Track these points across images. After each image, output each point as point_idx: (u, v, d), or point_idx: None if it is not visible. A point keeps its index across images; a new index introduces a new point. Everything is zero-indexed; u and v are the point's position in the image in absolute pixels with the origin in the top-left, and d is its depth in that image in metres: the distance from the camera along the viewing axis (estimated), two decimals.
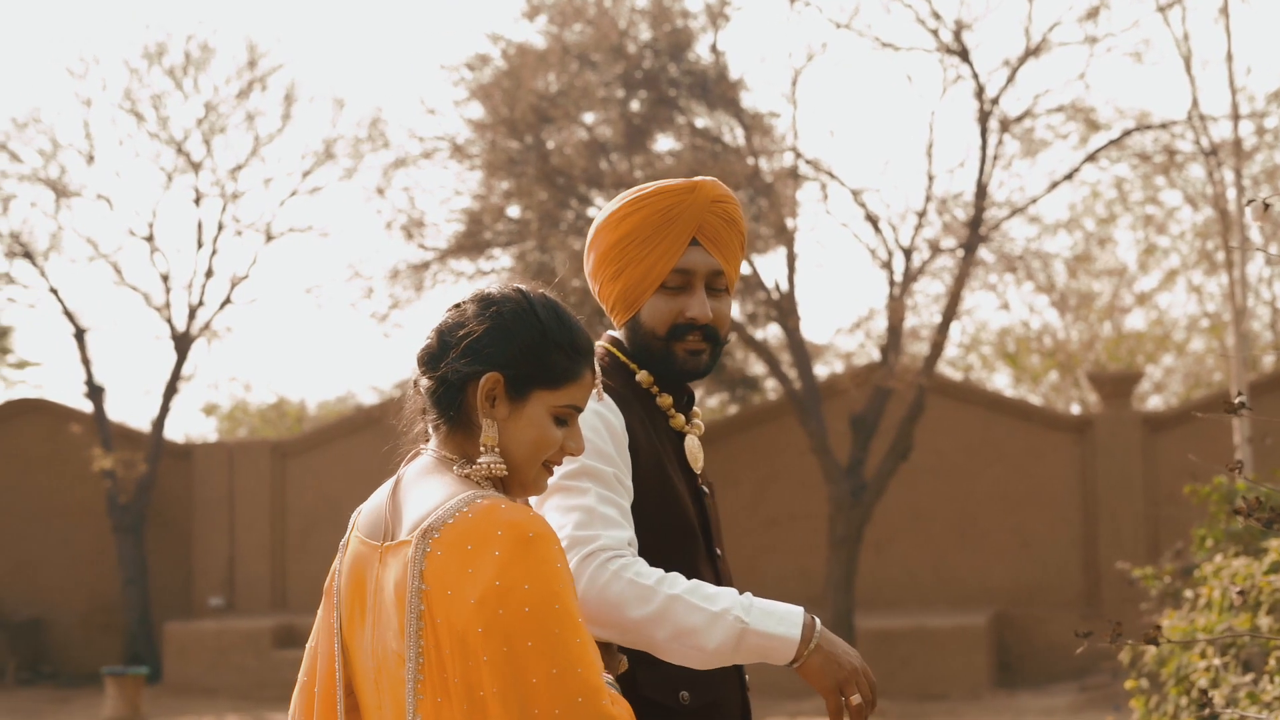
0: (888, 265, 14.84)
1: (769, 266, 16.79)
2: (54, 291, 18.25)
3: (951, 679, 14.80)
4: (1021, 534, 16.25)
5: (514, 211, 15.31)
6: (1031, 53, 14.20)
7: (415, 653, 2.36)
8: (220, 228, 18.48)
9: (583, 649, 2.30)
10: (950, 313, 14.47)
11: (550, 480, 2.60)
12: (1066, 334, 23.02)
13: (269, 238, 18.70)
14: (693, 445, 3.10)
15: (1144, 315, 23.26)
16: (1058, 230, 15.67)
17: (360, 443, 17.40)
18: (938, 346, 14.57)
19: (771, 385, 17.44)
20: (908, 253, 14.74)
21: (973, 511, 16.38)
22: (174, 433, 20.39)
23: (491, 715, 2.28)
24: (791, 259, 14.79)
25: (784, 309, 14.72)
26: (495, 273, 15.74)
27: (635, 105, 15.00)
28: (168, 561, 18.10)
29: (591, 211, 14.55)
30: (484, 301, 2.53)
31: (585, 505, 2.82)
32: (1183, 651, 5.47)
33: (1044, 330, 23.39)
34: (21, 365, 23.73)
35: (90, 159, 18.44)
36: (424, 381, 2.53)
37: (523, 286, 2.56)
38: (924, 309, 15.45)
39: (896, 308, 14.41)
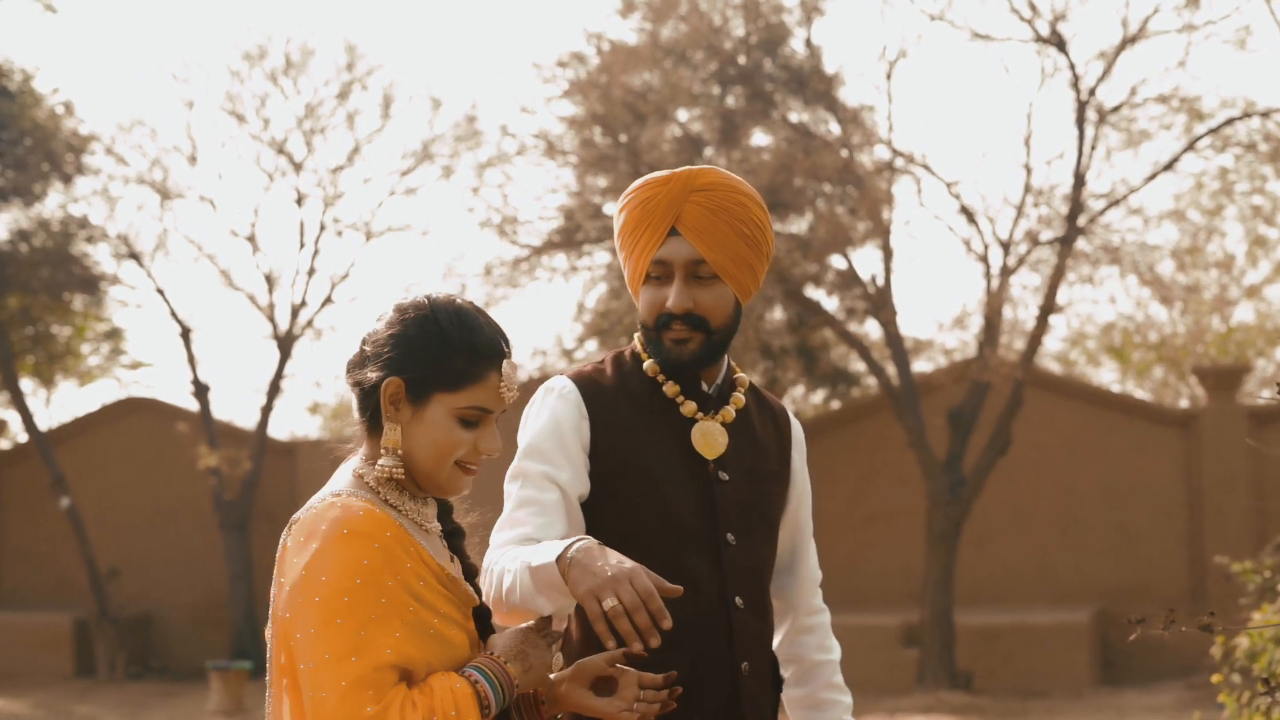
0: (984, 259, 14.71)
1: (865, 261, 16.71)
2: (160, 292, 18.54)
3: (1053, 676, 14.65)
4: (1125, 530, 16.04)
5: (610, 208, 15.35)
6: (1129, 41, 14.01)
7: (270, 638, 2.59)
8: (322, 228, 18.68)
9: (365, 640, 2.42)
10: (1048, 306, 14.31)
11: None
12: (1173, 328, 22.69)
13: (369, 237, 18.87)
14: (706, 431, 3.14)
15: (1252, 308, 22.88)
16: (1162, 222, 15.41)
17: None
18: (1035, 340, 14.42)
19: (872, 381, 17.34)
20: (1005, 246, 14.60)
21: (1075, 507, 16.19)
22: (279, 431, 20.62)
23: (297, 697, 2.51)
24: (887, 253, 14.70)
25: (880, 304, 14.63)
26: (589, 269, 15.79)
27: (730, 101, 14.98)
28: (273, 558, 18.29)
29: None
30: (396, 309, 2.67)
31: (506, 510, 3.05)
32: (1276, 646, 5.38)
33: (1149, 324, 23.07)
34: (135, 366, 24.15)
35: (193, 161, 18.71)
36: (348, 387, 2.68)
37: (435, 294, 2.67)
38: (1022, 302, 15.30)
39: (993, 301, 14.28)
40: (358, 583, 2.47)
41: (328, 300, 18.69)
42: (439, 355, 2.59)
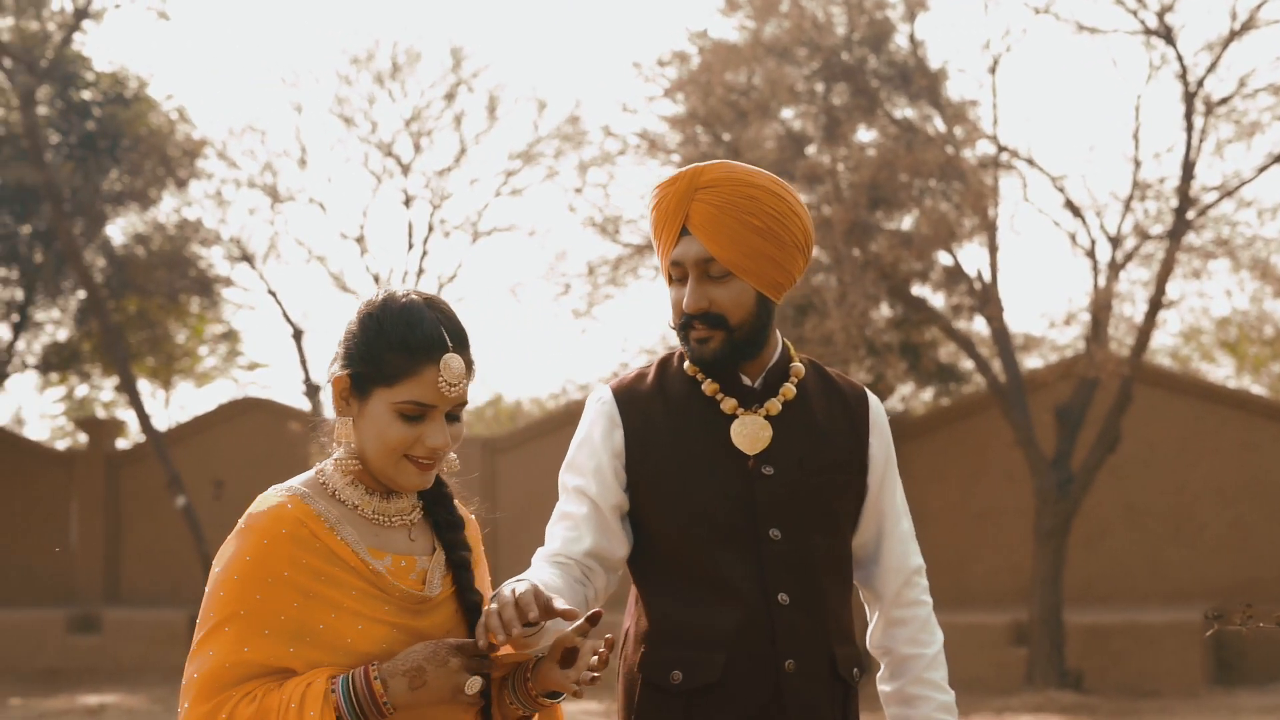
0: (1091, 254, 14.58)
1: (971, 257, 16.61)
2: (273, 294, 18.83)
3: (1165, 676, 14.47)
4: (1239, 527, 15.81)
5: None
6: (1238, 32, 13.83)
7: None
8: (429, 229, 18.88)
9: (218, 633, 2.53)
10: (1157, 301, 14.15)
11: None
12: None
13: (475, 237, 19.05)
14: (746, 427, 3.09)
15: None
16: (1277, 214, 15.17)
17: (567, 438, 17.62)
18: (1144, 335, 14.25)
19: (979, 378, 17.24)
20: (1113, 241, 14.46)
21: (1188, 504, 15.99)
22: None
23: None
24: (993, 249, 14.60)
25: (986, 300, 14.55)
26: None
27: (834, 98, 14.96)
28: None
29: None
30: (358, 307, 2.73)
31: (549, 525, 3.13)
32: None
33: (1265, 318, 22.71)
34: (252, 367, 24.59)
35: (303, 164, 18.98)
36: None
37: (396, 290, 2.70)
38: (1130, 297, 15.13)
39: (1101, 297, 14.14)
40: (235, 578, 2.57)
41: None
42: (376, 351, 2.63)
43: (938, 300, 15.70)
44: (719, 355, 3.08)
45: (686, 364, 3.17)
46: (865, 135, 15.18)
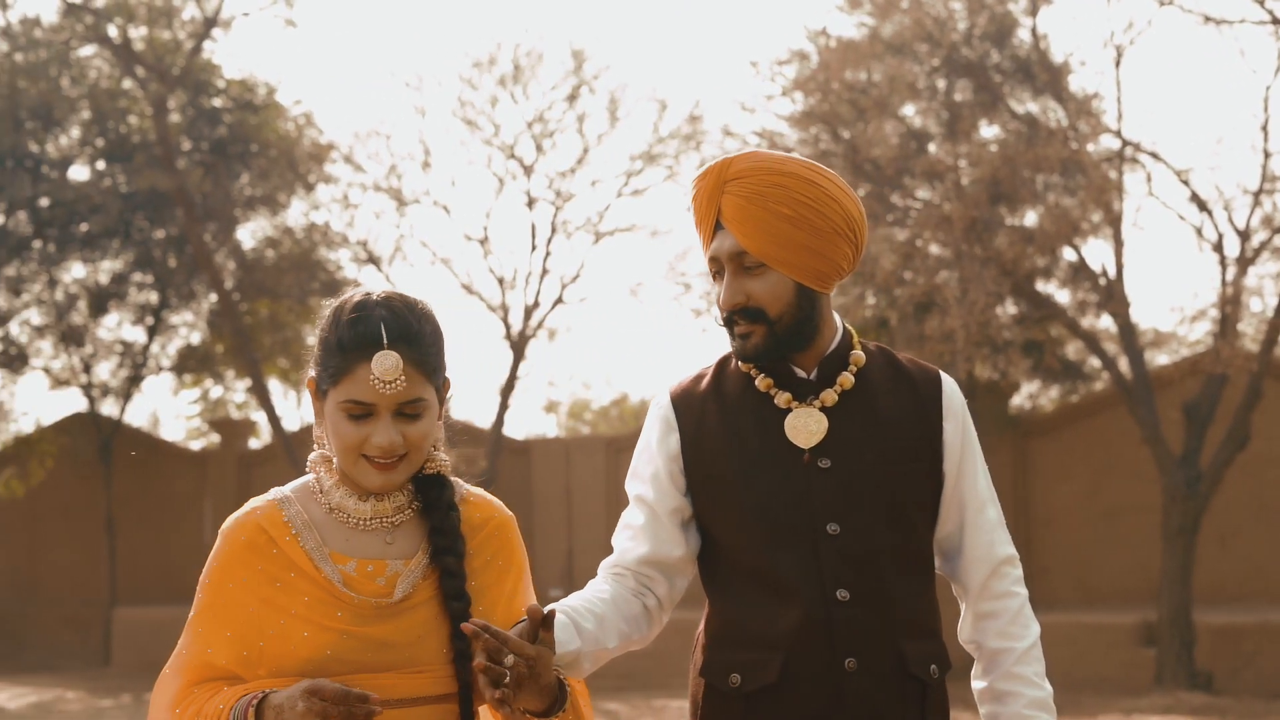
0: (1218, 248, 14.37)
1: (1096, 253, 16.43)
2: None
3: None
4: None
5: None
6: None
7: None
8: (552, 230, 19.01)
9: (195, 636, 2.66)
10: None
11: None
12: None
13: (597, 238, 19.16)
14: (799, 420, 2.99)
15: None
16: None
17: None
18: (1274, 330, 14.00)
19: (1106, 376, 17.05)
20: (1242, 234, 14.24)
21: None
22: (514, 430, 21.05)
23: None
24: (1118, 244, 14.44)
25: (1112, 296, 14.39)
26: None
27: (956, 94, 14.88)
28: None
29: (912, 203, 14.49)
30: None
31: (614, 534, 3.15)
32: None
33: None
34: None
35: (427, 167, 19.20)
36: None
37: (370, 290, 2.71)
38: (1259, 291, 14.89)
39: (1229, 291, 13.94)
40: (206, 582, 2.68)
41: (559, 301, 19.02)
42: (325, 351, 2.67)
43: (1062, 296, 15.56)
44: (761, 349, 2.99)
45: (741, 360, 3.07)
46: (987, 131, 15.08)
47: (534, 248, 19.00)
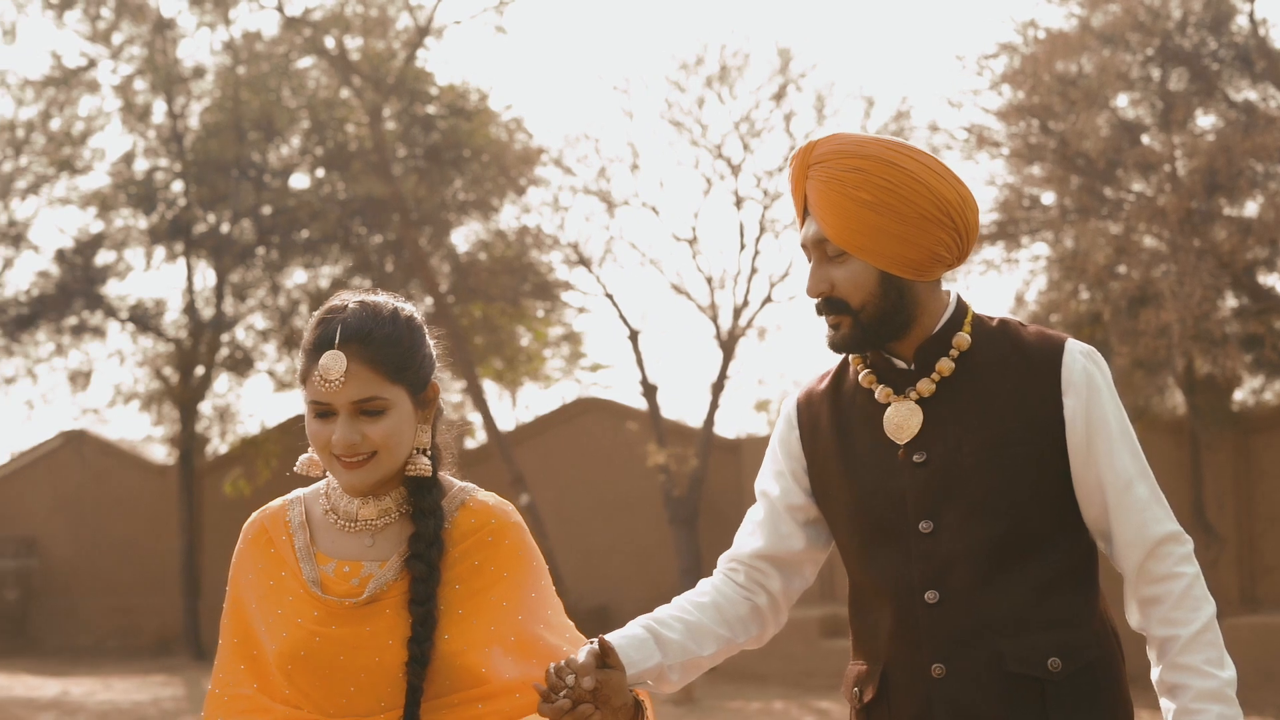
0: None
1: None
2: (609, 297, 19.28)
3: None
4: None
5: (1048, 198, 15.14)
6: None
7: None
8: (761, 229, 19.04)
9: (225, 627, 2.79)
10: None
11: None
12: None
13: None
14: (897, 415, 2.85)
15: None
16: None
17: None
18: None
19: None
20: None
21: None
22: (725, 428, 21.12)
23: None
24: None
25: None
26: (1031, 260, 15.60)
27: (1170, 84, 14.57)
28: (720, 553, 18.73)
29: (1125, 195, 14.24)
30: None
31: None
32: None
33: None
34: (595, 369, 25.21)
35: (635, 169, 19.37)
36: None
37: (341, 297, 2.77)
38: None
39: None
40: (230, 577, 2.83)
41: (768, 300, 19.03)
42: (300, 354, 2.76)
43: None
44: (848, 341, 2.86)
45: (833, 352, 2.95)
46: (1203, 120, 14.73)
47: (742, 247, 19.05)
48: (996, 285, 38.67)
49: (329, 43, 18.96)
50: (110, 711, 14.96)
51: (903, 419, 2.84)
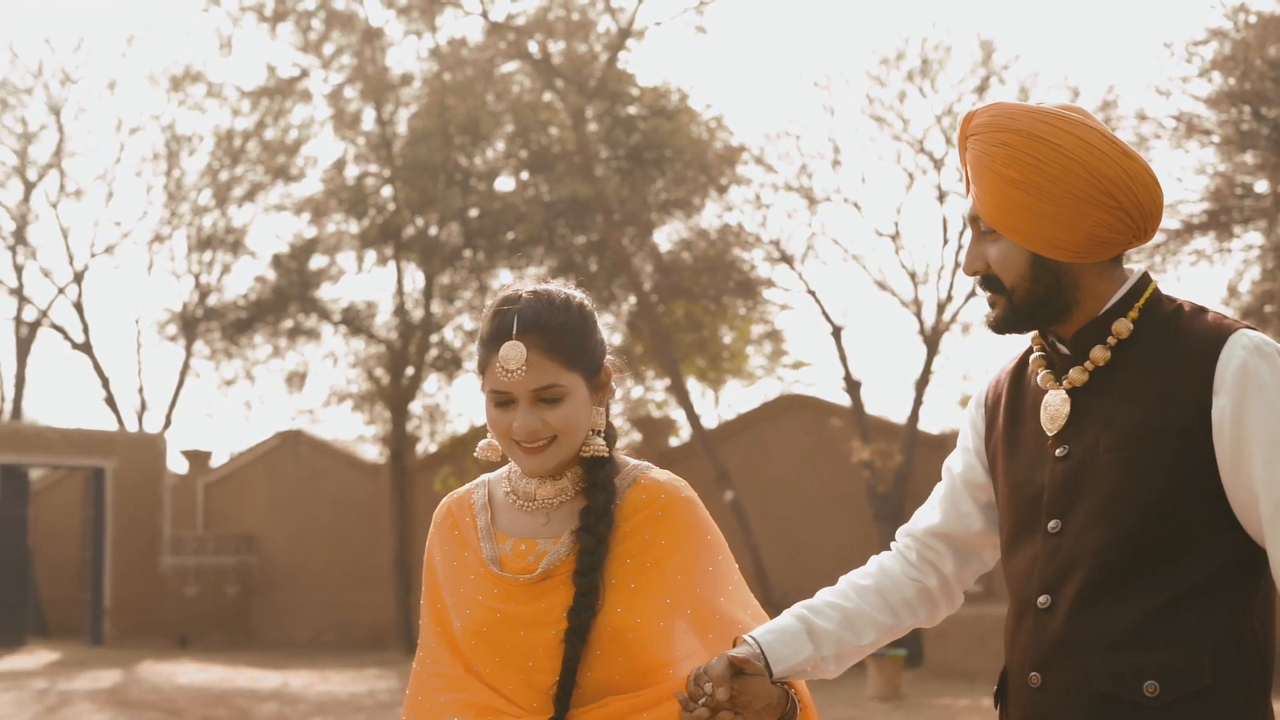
0: None
1: None
2: (812, 293, 19.28)
3: None
4: None
5: (1261, 186, 14.78)
6: None
7: None
8: (964, 223, 18.89)
9: (424, 605, 2.90)
10: None
11: None
12: None
13: None
14: (1053, 403, 2.66)
15: None
16: None
17: None
18: None
19: None
20: None
21: None
22: (930, 424, 20.99)
23: None
24: None
25: None
26: (1244, 250, 15.22)
27: None
28: None
29: None
30: None
31: None
32: None
33: None
34: (796, 366, 25.23)
35: (837, 165, 19.34)
36: None
37: (514, 287, 2.81)
38: None
39: None
40: (424, 561, 2.94)
41: (971, 294, 18.86)
42: (477, 346, 2.84)
43: None
44: (1002, 323, 2.67)
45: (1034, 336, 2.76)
46: None
47: (945, 241, 18.92)
48: (1208, 276, 37.69)
49: (532, 47, 19.25)
50: (328, 702, 15.39)
51: (1056, 409, 2.64)
